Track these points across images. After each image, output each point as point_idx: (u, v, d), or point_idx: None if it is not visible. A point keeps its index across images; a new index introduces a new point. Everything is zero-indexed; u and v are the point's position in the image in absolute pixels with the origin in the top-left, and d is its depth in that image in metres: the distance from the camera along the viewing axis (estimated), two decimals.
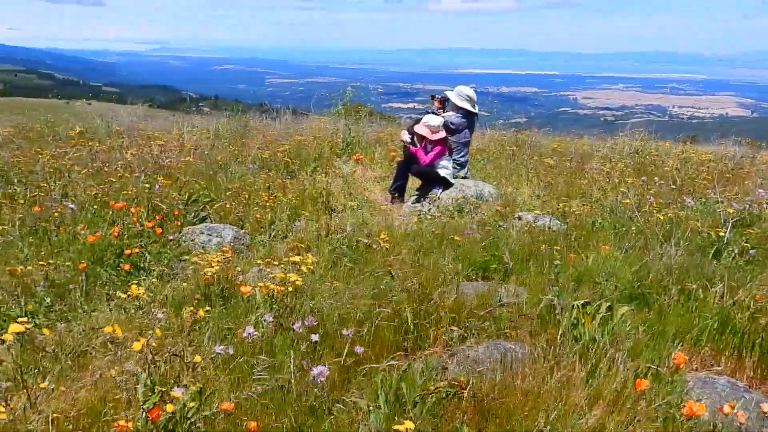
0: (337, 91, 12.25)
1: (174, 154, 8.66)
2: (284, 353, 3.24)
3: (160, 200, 6.27)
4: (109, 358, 3.20)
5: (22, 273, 4.48)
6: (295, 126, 13.25)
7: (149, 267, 5.06)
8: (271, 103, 19.22)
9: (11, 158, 8.06)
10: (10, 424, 2.54)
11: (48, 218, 5.85)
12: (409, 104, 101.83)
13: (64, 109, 23.32)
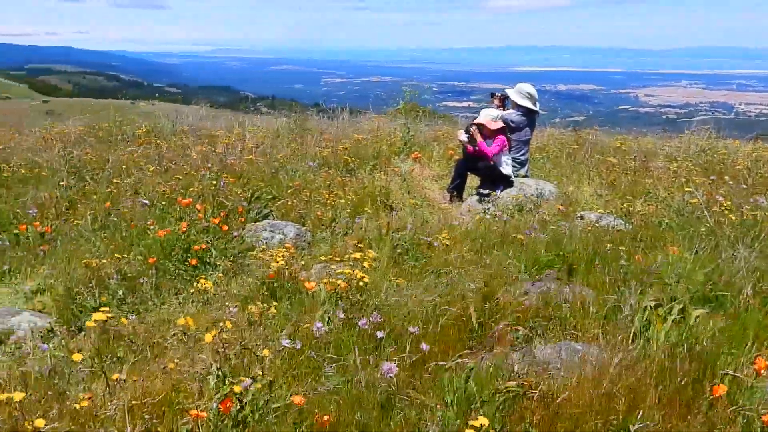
0: (391, 90, 12.27)
1: (236, 152, 8.84)
2: (350, 349, 3.27)
3: (225, 197, 6.42)
4: (181, 349, 3.29)
5: (96, 266, 4.67)
6: (352, 125, 13.34)
7: (215, 262, 5.19)
8: (326, 102, 19.43)
9: (83, 156, 8.39)
10: (90, 410, 2.64)
11: (119, 214, 6.07)
12: (463, 103, 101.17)
13: (129, 109, 24.17)
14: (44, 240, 5.75)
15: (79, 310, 4.37)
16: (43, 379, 3.15)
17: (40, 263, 5.25)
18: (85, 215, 6.26)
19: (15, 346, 3.81)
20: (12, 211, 6.43)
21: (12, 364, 3.50)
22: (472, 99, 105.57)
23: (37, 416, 2.38)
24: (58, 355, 3.55)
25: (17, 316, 4.19)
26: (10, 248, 5.58)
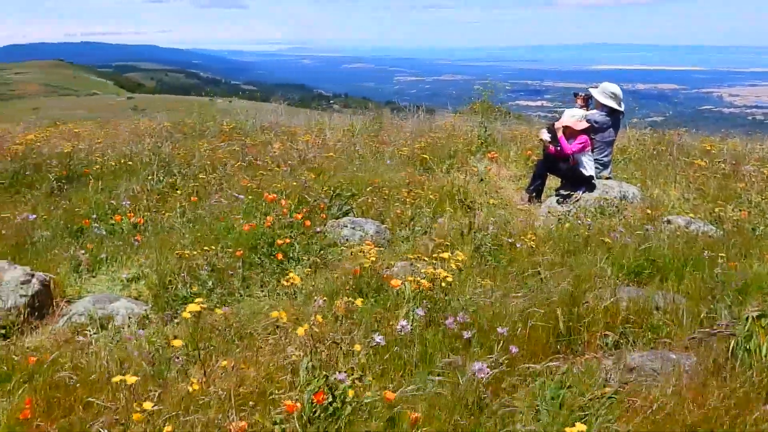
0: (463, 89, 12.17)
1: (316, 149, 8.99)
2: (435, 347, 3.29)
3: (307, 193, 6.55)
4: (272, 340, 3.39)
5: (188, 257, 4.85)
6: (427, 123, 13.33)
7: (298, 257, 5.31)
8: (398, 100, 19.44)
9: (172, 151, 8.73)
10: (191, 396, 2.75)
11: (207, 207, 6.29)
12: (537, 102, 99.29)
13: (208, 105, 24.92)
14: (138, 230, 6.02)
15: (172, 299, 4.55)
16: (143, 364, 3.29)
17: (134, 252, 5.50)
18: (174, 208, 6.52)
19: (115, 330, 4.01)
20: (107, 202, 6.76)
21: (113, 348, 3.68)
22: (546, 98, 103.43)
23: (143, 399, 2.50)
24: (155, 341, 3.72)
25: (116, 303, 4.41)
26: (106, 237, 5.87)
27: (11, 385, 3.14)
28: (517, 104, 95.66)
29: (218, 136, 11.11)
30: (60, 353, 3.33)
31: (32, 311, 4.23)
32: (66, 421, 2.78)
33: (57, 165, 7.92)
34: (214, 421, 2.54)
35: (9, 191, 7.56)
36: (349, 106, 33.04)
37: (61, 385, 2.99)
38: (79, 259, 5.28)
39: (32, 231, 5.93)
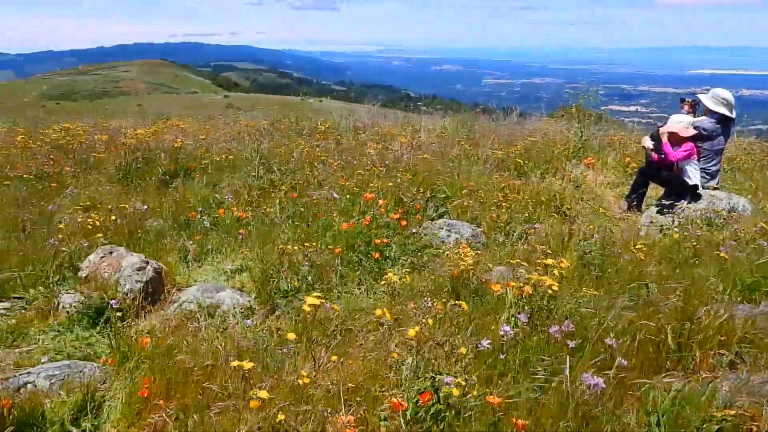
0: (554, 92, 11.90)
1: (410, 150, 9.04)
2: (538, 355, 3.23)
3: (403, 194, 6.59)
4: (374, 338, 3.43)
5: (289, 252, 4.99)
6: (520, 127, 13.11)
7: (395, 256, 5.35)
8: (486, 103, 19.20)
9: (271, 149, 9.00)
10: (299, 388, 2.83)
11: (306, 204, 6.45)
12: (630, 107, 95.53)
13: (300, 105, 25.54)
14: (240, 224, 6.24)
15: (274, 291, 4.70)
16: (250, 352, 3.41)
17: (238, 245, 5.71)
18: (274, 204, 6.73)
19: (221, 319, 4.18)
20: (212, 196, 7.06)
21: (220, 336, 3.84)
22: (641, 103, 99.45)
23: (256, 387, 2.59)
24: (260, 332, 3.85)
25: (221, 292, 4.60)
26: (211, 230, 6.12)
27: (131, 365, 3.34)
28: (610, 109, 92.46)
29: (314, 135, 11.37)
30: (175, 338, 3.50)
31: (146, 296, 4.47)
32: (182, 402, 2.92)
33: (166, 159, 8.33)
34: (323, 414, 2.60)
35: (122, 182, 8.03)
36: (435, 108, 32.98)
37: (178, 368, 3.15)
38: (187, 250, 5.54)
39: (144, 221, 6.28)
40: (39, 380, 3.28)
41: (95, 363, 3.58)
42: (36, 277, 4.81)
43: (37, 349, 3.89)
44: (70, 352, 3.82)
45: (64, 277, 4.82)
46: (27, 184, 7.53)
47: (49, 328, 4.14)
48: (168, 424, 2.85)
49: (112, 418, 2.99)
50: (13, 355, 3.81)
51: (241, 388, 2.73)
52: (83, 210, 6.63)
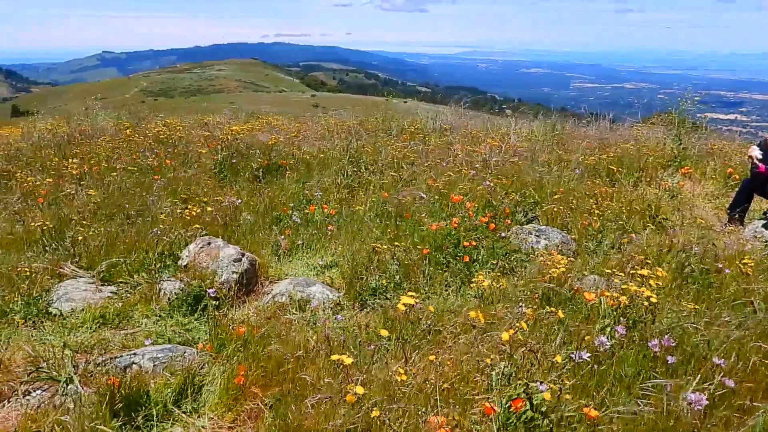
0: (647, 97, 11.44)
1: (498, 153, 8.94)
2: (636, 368, 3.13)
3: (491, 197, 6.53)
4: (464, 340, 3.41)
5: (379, 251, 5.04)
6: (612, 133, 12.70)
7: (483, 260, 5.31)
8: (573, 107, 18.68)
9: (359, 148, 9.12)
10: (391, 384, 2.86)
11: (394, 203, 6.50)
12: (729, 115, 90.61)
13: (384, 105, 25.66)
14: (329, 221, 6.36)
15: (362, 289, 4.75)
16: (341, 347, 3.47)
17: (328, 241, 5.82)
18: (363, 202, 6.82)
19: (312, 313, 4.27)
20: (302, 192, 7.23)
21: (310, 329, 3.92)
22: (740, 111, 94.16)
23: (351, 381, 2.63)
24: (351, 328, 3.91)
25: (312, 287, 4.70)
26: (302, 225, 6.27)
27: (228, 352, 3.47)
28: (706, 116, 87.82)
29: (400, 135, 11.43)
30: (269, 329, 3.61)
31: (241, 287, 4.63)
32: (278, 391, 3.01)
33: (259, 155, 8.60)
34: (417, 412, 2.62)
35: (217, 177, 8.35)
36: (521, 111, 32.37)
37: (273, 358, 3.24)
38: (278, 244, 5.70)
39: (238, 214, 6.50)
40: (144, 361, 3.46)
41: (194, 348, 3.74)
42: (140, 263, 5.07)
43: (140, 331, 4.10)
44: (170, 336, 4.00)
45: (165, 265, 5.06)
46: (131, 175, 7.95)
47: (151, 312, 4.35)
48: (263, 411, 2.94)
49: (210, 402, 3.11)
50: (119, 336, 4.03)
51: (335, 381, 2.78)
52: (181, 202, 6.95)
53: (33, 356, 3.62)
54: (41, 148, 10.43)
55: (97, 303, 4.44)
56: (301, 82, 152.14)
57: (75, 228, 5.98)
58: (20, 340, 3.93)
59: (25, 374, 3.44)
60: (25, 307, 4.33)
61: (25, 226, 6.27)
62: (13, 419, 3.12)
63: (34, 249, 5.68)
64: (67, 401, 3.12)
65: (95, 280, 4.90)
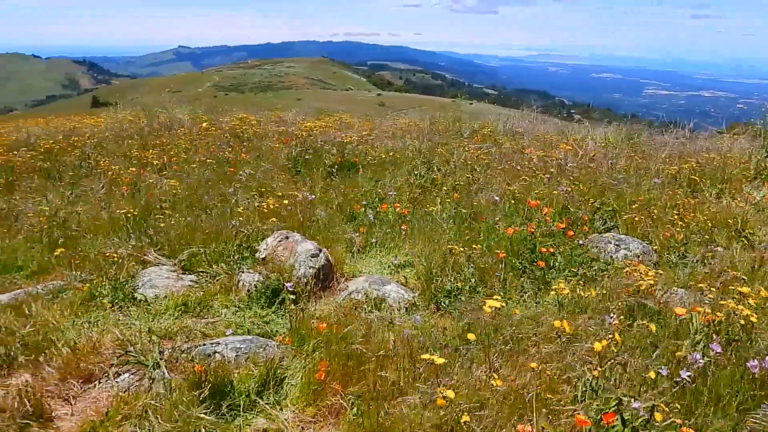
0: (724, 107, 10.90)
1: (573, 158, 8.73)
2: (732, 390, 2.98)
3: (568, 203, 6.37)
4: (548, 349, 3.33)
5: (456, 252, 4.99)
6: (691, 142, 12.21)
7: (560, 267, 5.18)
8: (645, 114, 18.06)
9: (431, 149, 9.08)
10: (477, 389, 2.81)
11: (467, 206, 6.43)
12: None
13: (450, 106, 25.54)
14: (402, 220, 6.34)
15: (437, 290, 4.71)
16: (420, 349, 3.44)
17: (402, 240, 5.80)
18: (436, 203, 6.77)
19: (388, 312, 4.27)
20: (375, 190, 7.24)
21: (387, 329, 3.91)
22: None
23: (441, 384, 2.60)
24: (427, 329, 3.88)
25: (387, 286, 4.69)
26: (375, 224, 6.28)
27: (308, 347, 3.49)
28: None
29: (472, 137, 11.32)
30: (349, 326, 3.62)
31: (317, 282, 4.67)
32: (358, 389, 3.01)
33: (332, 152, 8.68)
34: (508, 420, 2.57)
35: (291, 172, 8.47)
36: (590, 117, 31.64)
37: (354, 355, 3.25)
38: (353, 241, 5.72)
39: (312, 209, 6.57)
40: (226, 351, 3.52)
41: (273, 341, 3.79)
42: (219, 254, 5.18)
43: (220, 321, 4.18)
44: (249, 327, 4.07)
45: (243, 257, 5.15)
46: (209, 168, 8.15)
47: (230, 303, 4.44)
48: (345, 408, 2.94)
49: (291, 396, 3.14)
50: (200, 324, 4.13)
51: (423, 383, 2.75)
52: (258, 195, 7.08)
53: (121, 340, 3.74)
54: (123, 138, 10.85)
55: (179, 291, 4.56)
56: (368, 81, 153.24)
57: (157, 217, 6.18)
58: (108, 323, 4.08)
59: (114, 357, 3.56)
60: (113, 292, 4.49)
61: (110, 212, 6.52)
62: (103, 400, 3.23)
63: (119, 235, 5.89)
64: (154, 386, 3.21)
65: (176, 269, 5.03)
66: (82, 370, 3.43)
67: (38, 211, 6.61)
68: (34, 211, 6.82)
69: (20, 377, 3.22)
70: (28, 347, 3.60)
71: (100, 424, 2.96)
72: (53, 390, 3.30)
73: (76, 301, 4.36)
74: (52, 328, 3.89)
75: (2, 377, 3.33)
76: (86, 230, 6.06)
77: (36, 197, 7.78)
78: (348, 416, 2.89)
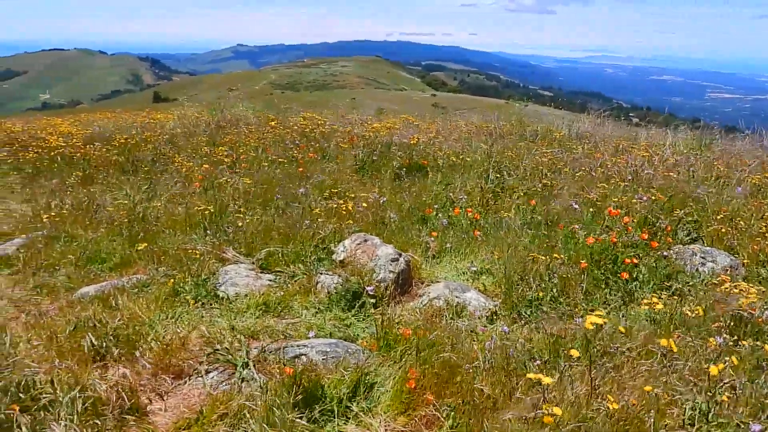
0: None
1: (649, 165, 8.45)
2: None
3: (650, 213, 6.16)
4: (647, 367, 3.20)
5: (539, 261, 4.87)
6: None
7: (644, 279, 5.00)
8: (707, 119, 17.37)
9: (500, 152, 8.93)
10: (578, 409, 2.71)
11: (543, 212, 6.29)
12: None
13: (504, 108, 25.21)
14: (475, 225, 6.24)
15: (518, 299, 4.61)
16: (507, 360, 3.35)
17: (477, 246, 5.71)
18: (509, 208, 6.65)
19: (470, 320, 4.19)
20: (445, 194, 7.16)
21: (470, 338, 3.83)
22: None
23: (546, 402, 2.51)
24: (514, 341, 3.78)
25: (467, 293, 4.61)
26: (448, 228, 6.20)
27: (395, 354, 3.44)
28: None
29: (537, 140, 11.12)
30: (438, 334, 3.56)
31: (397, 287, 4.62)
32: (453, 400, 2.94)
33: (400, 153, 8.63)
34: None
35: (359, 173, 8.46)
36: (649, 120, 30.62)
37: (446, 365, 3.18)
38: (428, 245, 5.66)
39: (383, 212, 6.53)
40: (312, 354, 3.50)
41: (356, 345, 3.76)
42: (295, 254, 5.19)
43: (301, 322, 4.17)
44: (331, 330, 4.05)
45: (319, 258, 5.15)
46: (279, 167, 8.22)
47: (310, 304, 4.43)
48: (439, 420, 2.88)
49: (382, 404, 3.10)
50: (281, 325, 4.13)
51: (528, 396, 2.67)
52: (329, 196, 7.09)
53: (206, 337, 3.78)
54: (192, 135, 11.07)
55: (259, 290, 4.58)
56: (422, 81, 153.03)
57: (233, 214, 6.25)
58: (192, 320, 4.13)
59: (202, 354, 3.59)
60: (195, 288, 4.54)
61: (186, 208, 6.63)
62: (195, 397, 3.25)
63: (195, 231, 5.98)
64: (245, 386, 3.21)
65: (255, 267, 5.06)
66: (172, 365, 3.46)
67: (118, 205, 6.78)
68: (113, 205, 7.00)
69: (118, 370, 3.27)
70: (119, 340, 3.66)
71: (196, 422, 2.99)
72: (146, 384, 3.35)
73: (160, 296, 4.43)
74: (141, 322, 3.95)
75: (98, 369, 3.40)
76: (164, 225, 6.17)
77: (112, 190, 8.01)
78: (444, 428, 2.83)
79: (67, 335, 3.71)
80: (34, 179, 9.04)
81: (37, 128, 13.30)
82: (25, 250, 5.70)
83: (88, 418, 2.82)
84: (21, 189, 8.81)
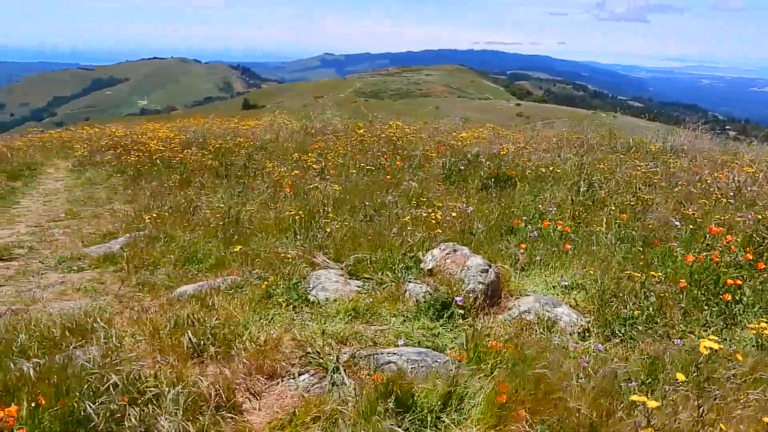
0: None
1: (752, 181, 8.01)
2: None
3: (755, 232, 5.83)
4: (756, 396, 3.02)
5: (635, 279, 4.71)
6: None
7: (749, 302, 4.73)
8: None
9: (591, 164, 8.70)
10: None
11: (637, 228, 6.07)
12: None
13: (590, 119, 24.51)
14: (565, 238, 6.09)
15: (612, 316, 4.45)
16: (603, 381, 3.24)
17: (569, 260, 5.56)
18: (601, 222, 6.45)
19: (561, 336, 4.09)
20: (534, 206, 7.03)
21: (562, 355, 3.73)
22: None
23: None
24: (607, 360, 3.66)
25: (558, 308, 4.50)
26: (537, 241, 6.08)
27: (486, 367, 3.40)
28: None
29: (629, 153, 10.76)
30: (534, 349, 3.49)
31: (485, 299, 4.57)
32: (548, 418, 2.88)
33: (487, 163, 8.56)
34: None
35: (445, 182, 8.45)
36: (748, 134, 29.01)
37: (541, 382, 3.12)
38: (516, 257, 5.57)
39: (470, 222, 6.48)
40: (401, 362, 3.51)
41: (445, 355, 3.74)
42: (383, 261, 5.23)
43: (389, 330, 4.19)
44: (419, 339, 4.05)
45: (407, 266, 5.16)
46: (367, 174, 8.32)
47: (398, 312, 4.44)
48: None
49: (473, 417, 3.06)
50: (369, 331, 4.16)
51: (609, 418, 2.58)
52: (416, 204, 7.11)
53: (298, 340, 3.86)
54: (282, 141, 11.39)
55: (348, 296, 4.64)
56: (506, 91, 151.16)
57: (322, 220, 6.37)
58: (284, 322, 4.23)
59: (294, 356, 3.67)
60: (287, 291, 4.66)
61: (276, 213, 6.82)
62: (287, 398, 3.33)
63: (286, 235, 6.14)
64: (336, 390, 3.26)
65: (344, 273, 5.13)
66: (266, 366, 3.56)
67: (213, 208, 7.06)
68: (209, 207, 7.29)
69: (216, 368, 3.39)
70: (216, 339, 3.79)
71: (289, 423, 3.05)
72: (240, 383, 3.45)
73: (254, 297, 4.56)
74: (236, 322, 4.09)
75: (196, 365, 3.53)
76: (257, 229, 6.37)
77: (207, 194, 8.34)
78: None
79: (168, 332, 3.88)
80: (135, 181, 9.55)
81: (137, 133, 14.07)
82: (129, 249, 6.03)
83: (191, 414, 2.94)
84: (123, 190, 9.34)
